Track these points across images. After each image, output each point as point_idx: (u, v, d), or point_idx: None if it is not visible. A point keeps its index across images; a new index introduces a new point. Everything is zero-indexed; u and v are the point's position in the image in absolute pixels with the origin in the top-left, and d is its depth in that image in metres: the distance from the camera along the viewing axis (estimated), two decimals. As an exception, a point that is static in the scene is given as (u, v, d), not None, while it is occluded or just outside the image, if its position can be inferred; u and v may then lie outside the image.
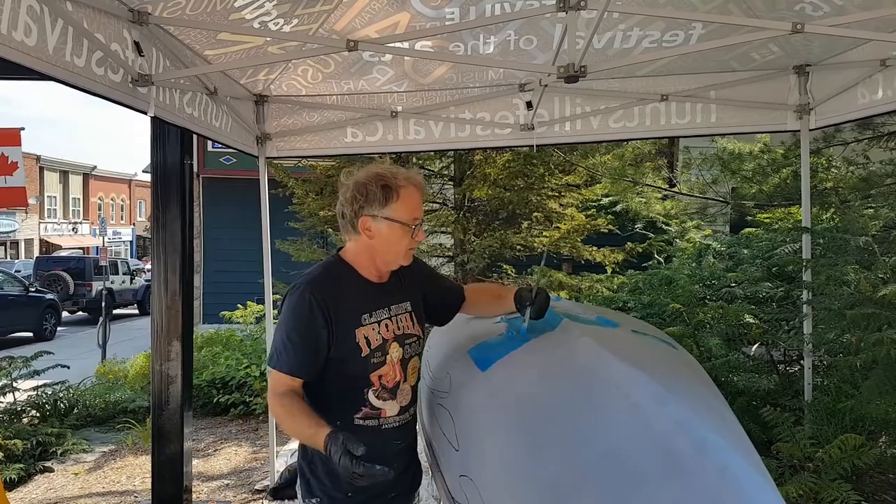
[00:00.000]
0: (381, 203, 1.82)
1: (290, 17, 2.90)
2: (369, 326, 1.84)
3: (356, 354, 1.81)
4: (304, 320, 1.77)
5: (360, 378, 1.84)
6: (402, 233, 1.85)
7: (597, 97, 3.92)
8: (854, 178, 6.28)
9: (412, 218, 1.86)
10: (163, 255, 3.98)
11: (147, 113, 2.57)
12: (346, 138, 4.12)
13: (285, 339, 1.78)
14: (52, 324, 15.47)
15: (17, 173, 7.12)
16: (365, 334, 1.82)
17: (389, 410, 1.87)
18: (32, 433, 5.58)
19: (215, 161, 13.11)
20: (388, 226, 1.84)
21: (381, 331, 1.86)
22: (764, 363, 4.71)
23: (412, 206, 1.86)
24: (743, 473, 1.12)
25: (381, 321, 1.87)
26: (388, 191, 1.82)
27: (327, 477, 1.83)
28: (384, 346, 1.85)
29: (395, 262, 1.92)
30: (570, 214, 7.28)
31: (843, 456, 3.11)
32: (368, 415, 1.85)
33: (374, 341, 1.83)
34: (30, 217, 34.37)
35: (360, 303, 1.85)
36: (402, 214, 1.84)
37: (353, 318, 1.82)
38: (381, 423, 1.86)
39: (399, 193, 1.83)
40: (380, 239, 1.85)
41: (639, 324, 2.30)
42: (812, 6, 2.99)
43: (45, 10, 1.92)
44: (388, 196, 1.82)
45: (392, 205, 1.83)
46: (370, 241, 1.86)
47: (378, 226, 1.84)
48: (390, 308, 1.91)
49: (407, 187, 1.85)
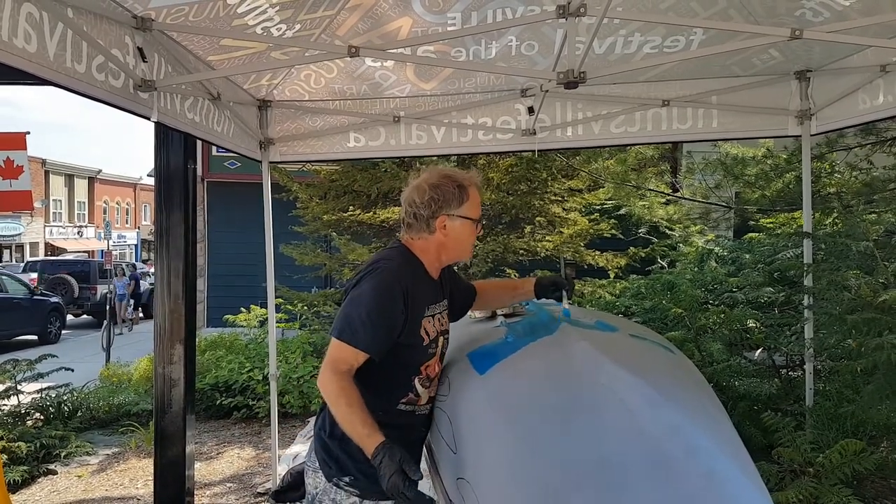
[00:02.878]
0: (458, 202, 1.96)
1: (293, 22, 2.92)
2: (428, 318, 1.96)
3: (419, 342, 1.93)
4: (386, 301, 1.84)
5: (415, 365, 1.95)
6: (471, 230, 2.00)
7: (598, 102, 3.93)
8: (857, 183, 6.27)
9: (478, 216, 2.02)
10: (166, 259, 4.00)
11: (150, 118, 2.58)
12: (349, 143, 4.13)
13: (364, 316, 1.82)
14: (56, 327, 15.52)
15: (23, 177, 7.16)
16: (426, 325, 1.94)
17: (424, 399, 2.00)
18: (36, 436, 5.61)
19: (220, 165, 13.16)
20: (461, 223, 1.97)
21: (435, 324, 1.99)
22: (766, 368, 4.71)
23: (478, 203, 2.02)
24: (731, 478, 1.13)
25: (436, 315, 2.01)
26: (462, 190, 1.97)
27: (361, 452, 1.78)
28: (437, 338, 1.99)
29: (462, 258, 2.07)
30: (572, 219, 7.29)
31: (844, 461, 3.10)
32: (411, 400, 1.96)
33: (431, 333, 1.96)
34: (35, 220, 34.51)
35: (427, 295, 1.98)
36: (473, 212, 1.99)
37: (422, 308, 1.94)
38: (415, 409, 1.98)
39: (469, 193, 1.98)
40: (453, 236, 1.98)
41: (638, 328, 2.31)
42: (812, 12, 2.99)
43: (45, 16, 1.94)
44: (462, 196, 1.97)
45: (465, 204, 1.98)
46: (443, 239, 1.98)
47: (453, 224, 1.97)
48: (441, 304, 2.06)
49: (472, 187, 2.00)
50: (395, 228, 7.82)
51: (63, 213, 38.21)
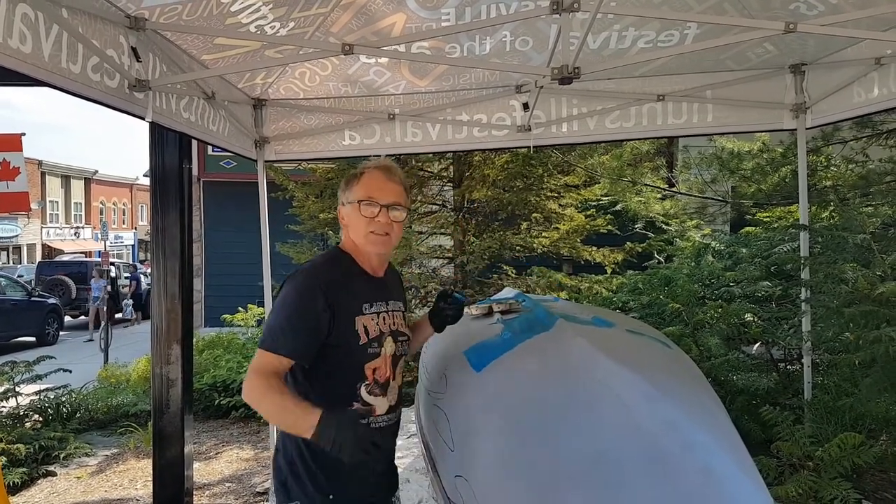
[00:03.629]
0: (346, 189, 1.91)
1: (287, 20, 2.91)
2: (369, 316, 1.85)
3: (355, 341, 1.81)
4: (305, 302, 1.76)
5: (356, 368, 1.82)
6: (359, 213, 1.86)
7: (593, 98, 3.93)
8: (853, 176, 6.28)
9: (367, 196, 1.86)
10: (162, 259, 3.99)
11: (144, 118, 2.58)
12: (344, 141, 4.13)
13: (284, 321, 1.76)
14: (54, 328, 15.49)
15: (20, 178, 7.15)
16: (364, 323, 1.83)
17: (380, 408, 1.86)
18: (35, 437, 5.60)
19: (216, 165, 13.15)
20: (351, 208, 1.89)
21: (379, 322, 1.86)
22: (764, 362, 4.72)
23: (371, 186, 1.87)
24: (728, 473, 1.13)
25: (380, 313, 1.88)
26: (352, 177, 1.91)
27: (307, 475, 1.80)
28: (381, 337, 1.85)
29: (365, 248, 1.90)
30: (569, 215, 7.28)
31: (843, 454, 3.11)
32: (360, 411, 1.81)
33: (373, 331, 1.83)
34: (32, 222, 34.43)
35: (360, 292, 1.87)
36: (359, 193, 1.87)
37: (355, 306, 1.83)
38: (369, 421, 1.83)
39: (360, 178, 1.89)
40: (349, 224, 1.91)
41: (635, 324, 2.31)
42: (807, 5, 2.99)
43: (41, 16, 1.93)
44: (350, 182, 1.91)
45: (354, 188, 1.90)
46: (348, 230, 1.92)
47: (347, 211, 1.91)
48: (388, 303, 1.93)
49: (369, 171, 1.90)
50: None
51: (60, 215, 38.12)
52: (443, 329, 2.10)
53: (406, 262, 7.24)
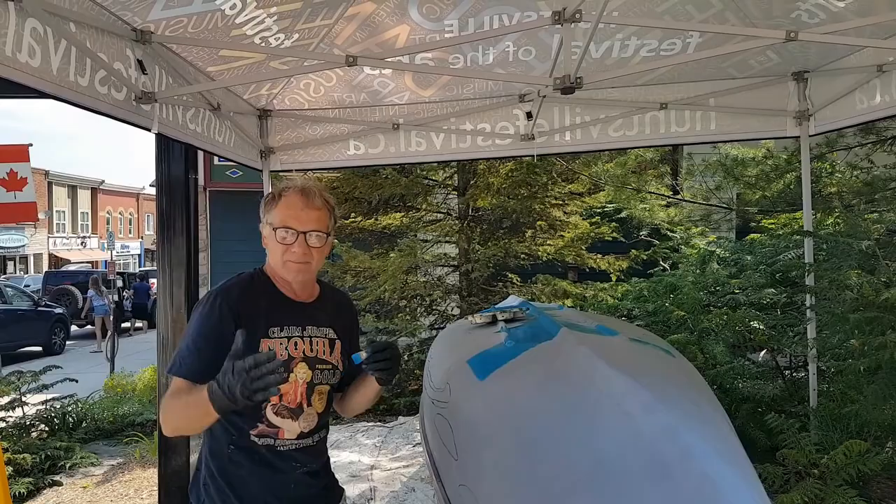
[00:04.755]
0: (267, 210, 1.81)
1: (291, 32, 2.94)
2: (276, 340, 1.76)
3: None
4: (211, 325, 1.71)
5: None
6: (275, 238, 1.78)
7: (596, 106, 3.94)
8: (857, 182, 6.28)
9: (282, 223, 1.76)
10: (168, 269, 4.01)
11: (151, 130, 2.60)
12: (349, 151, 4.16)
13: (190, 344, 1.72)
14: (60, 338, 15.54)
15: (27, 189, 7.18)
16: (269, 346, 1.74)
17: (288, 431, 1.77)
18: (41, 447, 5.61)
19: (221, 174, 13.19)
20: (268, 231, 1.80)
21: (289, 347, 1.77)
22: (769, 369, 4.70)
23: (287, 213, 1.77)
24: (728, 481, 1.14)
25: (292, 338, 1.79)
26: (271, 198, 1.81)
27: (219, 497, 1.76)
28: (289, 363, 1.76)
29: (283, 273, 1.81)
30: (573, 222, 7.29)
31: (849, 462, 3.10)
32: (264, 432, 1.76)
33: (279, 355, 1.72)
34: (38, 232, 34.61)
35: (270, 314, 1.78)
36: (276, 218, 1.78)
37: (260, 327, 1.75)
38: (276, 443, 1.76)
39: (279, 200, 1.79)
40: (268, 247, 1.82)
41: (638, 332, 2.31)
42: (808, 13, 3.00)
43: (49, 31, 1.96)
44: (269, 203, 1.81)
45: (272, 210, 1.79)
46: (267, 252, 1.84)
47: (265, 232, 1.82)
48: (305, 328, 1.82)
49: (287, 194, 1.79)
50: (397, 235, 7.83)
51: (66, 224, 38.33)
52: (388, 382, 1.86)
53: (411, 270, 7.25)
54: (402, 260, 6.93)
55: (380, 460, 5.18)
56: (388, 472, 4.84)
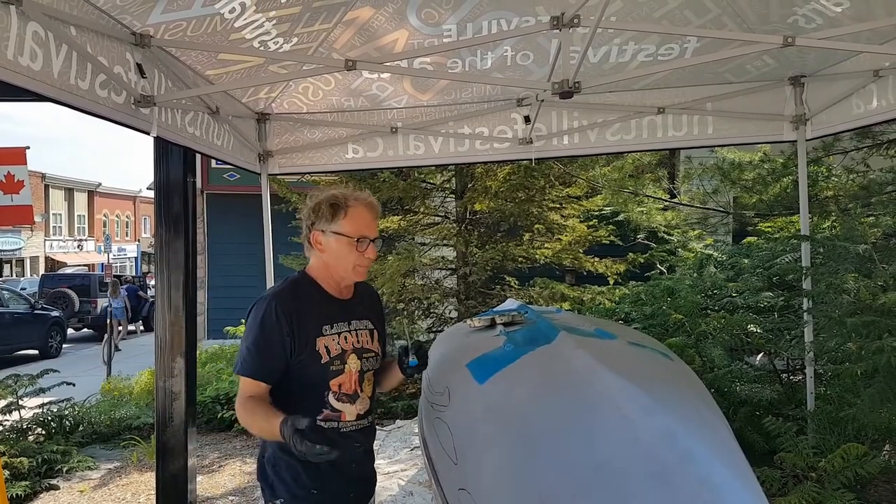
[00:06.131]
0: (329, 219, 1.98)
1: (290, 36, 2.95)
2: (329, 337, 1.98)
3: (317, 361, 1.94)
4: (268, 328, 1.91)
5: (321, 382, 1.97)
6: (349, 247, 1.98)
7: (594, 111, 3.96)
8: (854, 186, 6.30)
9: (358, 233, 1.98)
10: (166, 272, 4.01)
11: (150, 133, 2.61)
12: (347, 154, 4.16)
13: (251, 346, 1.93)
14: (57, 341, 15.50)
15: (24, 191, 7.17)
16: (325, 343, 1.96)
17: (349, 414, 2.00)
18: (38, 451, 5.59)
19: (219, 177, 13.19)
20: (336, 240, 1.98)
21: (340, 342, 1.99)
22: (767, 373, 4.71)
23: (359, 223, 1.99)
24: (726, 484, 1.14)
25: (342, 333, 2.01)
26: (336, 208, 1.98)
27: (289, 474, 1.95)
28: (343, 355, 1.98)
29: (347, 278, 2.04)
30: (571, 226, 7.30)
31: (847, 465, 3.10)
32: (329, 416, 1.97)
33: (334, 350, 1.97)
34: (35, 235, 34.52)
35: (321, 314, 1.99)
36: (348, 229, 1.97)
37: (314, 328, 1.96)
38: (340, 425, 1.98)
39: (347, 211, 1.98)
40: (330, 253, 2.00)
41: (637, 335, 2.32)
42: (805, 18, 3.02)
43: (50, 35, 1.96)
44: (335, 212, 1.98)
45: (339, 220, 1.97)
46: (324, 256, 2.02)
47: (327, 240, 1.99)
48: (350, 322, 2.05)
49: (356, 206, 1.99)
50: (395, 237, 7.83)
51: (63, 227, 38.22)
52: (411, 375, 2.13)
53: (409, 273, 7.25)
54: (399, 263, 6.93)
55: (378, 464, 5.16)
56: (385, 476, 4.83)
